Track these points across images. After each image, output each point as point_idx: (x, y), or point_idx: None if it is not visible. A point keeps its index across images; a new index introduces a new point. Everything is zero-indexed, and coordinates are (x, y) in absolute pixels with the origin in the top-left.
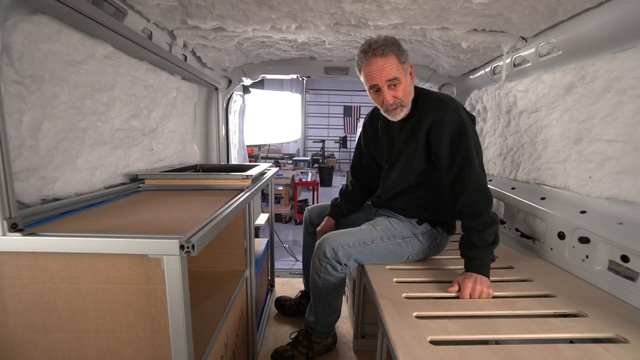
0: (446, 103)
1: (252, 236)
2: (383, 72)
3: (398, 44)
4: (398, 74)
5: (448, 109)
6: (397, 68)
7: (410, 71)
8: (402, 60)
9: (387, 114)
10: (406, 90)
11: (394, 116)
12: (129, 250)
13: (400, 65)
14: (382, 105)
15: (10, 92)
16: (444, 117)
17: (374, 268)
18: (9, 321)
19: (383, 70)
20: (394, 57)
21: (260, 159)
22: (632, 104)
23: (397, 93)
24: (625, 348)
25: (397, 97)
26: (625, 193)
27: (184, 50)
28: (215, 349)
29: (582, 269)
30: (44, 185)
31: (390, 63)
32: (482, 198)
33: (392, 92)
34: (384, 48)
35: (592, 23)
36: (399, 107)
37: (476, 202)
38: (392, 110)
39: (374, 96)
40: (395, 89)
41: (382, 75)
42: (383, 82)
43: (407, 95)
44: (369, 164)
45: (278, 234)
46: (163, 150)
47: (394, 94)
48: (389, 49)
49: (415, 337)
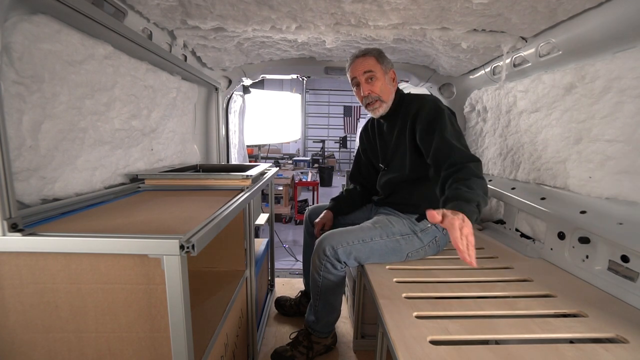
0: (424, 97)
1: (252, 236)
2: (361, 66)
3: (380, 51)
4: (374, 69)
5: (425, 101)
6: (375, 65)
7: (392, 76)
8: (380, 62)
9: (368, 109)
10: (384, 87)
11: (373, 111)
12: (129, 250)
13: (378, 64)
14: (362, 99)
15: (10, 92)
16: (422, 107)
17: (373, 268)
18: (9, 321)
19: (361, 64)
20: (373, 57)
21: (260, 159)
22: (632, 104)
23: (373, 87)
24: (625, 348)
25: (372, 91)
26: (625, 193)
27: (184, 50)
28: (215, 349)
29: (582, 269)
30: (44, 185)
31: (368, 60)
32: (467, 156)
33: (369, 86)
34: (365, 51)
35: (592, 23)
36: (377, 101)
37: (462, 158)
38: (371, 104)
39: (356, 91)
40: (372, 83)
41: (359, 68)
42: (360, 73)
43: (385, 93)
44: (368, 171)
45: (278, 234)
46: (163, 150)
47: (370, 88)
48: (369, 52)
49: (415, 337)
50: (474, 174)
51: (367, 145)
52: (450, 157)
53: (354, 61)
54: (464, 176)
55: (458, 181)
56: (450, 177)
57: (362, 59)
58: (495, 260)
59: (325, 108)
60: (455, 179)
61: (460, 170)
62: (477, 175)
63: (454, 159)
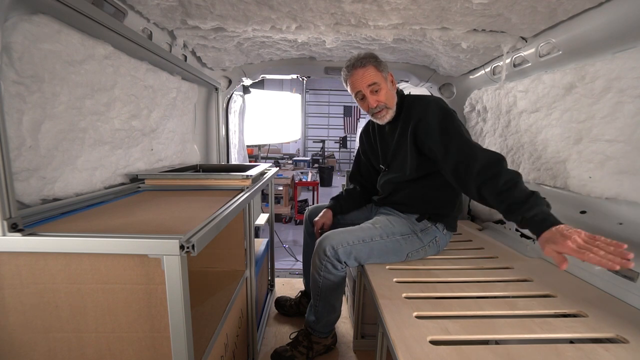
0: (426, 98)
1: (252, 236)
2: (364, 79)
3: (376, 57)
4: (377, 80)
5: (428, 103)
6: (376, 75)
7: (391, 79)
8: (380, 69)
9: (374, 118)
10: (388, 94)
11: (380, 119)
12: (129, 250)
13: (379, 73)
14: (368, 110)
15: (10, 92)
16: (426, 111)
17: (374, 268)
18: (9, 321)
19: (363, 77)
20: (372, 66)
21: (260, 159)
22: (632, 104)
23: (379, 97)
24: (625, 348)
25: (379, 100)
26: (626, 193)
27: (184, 50)
28: (215, 349)
29: (582, 269)
30: (44, 186)
31: (369, 71)
32: (494, 161)
33: (375, 97)
34: (363, 60)
35: (592, 23)
36: (384, 109)
37: (492, 166)
38: (378, 113)
39: (360, 103)
40: (377, 93)
41: (363, 81)
42: (364, 87)
43: (390, 99)
44: (368, 171)
45: (278, 234)
46: (163, 150)
47: (376, 98)
48: (367, 61)
49: (415, 337)
50: (513, 176)
51: (367, 147)
52: (478, 161)
53: (352, 73)
54: (510, 183)
55: (511, 191)
56: (494, 186)
57: (362, 70)
58: (495, 260)
59: (325, 108)
60: (504, 190)
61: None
62: (516, 175)
63: (483, 163)
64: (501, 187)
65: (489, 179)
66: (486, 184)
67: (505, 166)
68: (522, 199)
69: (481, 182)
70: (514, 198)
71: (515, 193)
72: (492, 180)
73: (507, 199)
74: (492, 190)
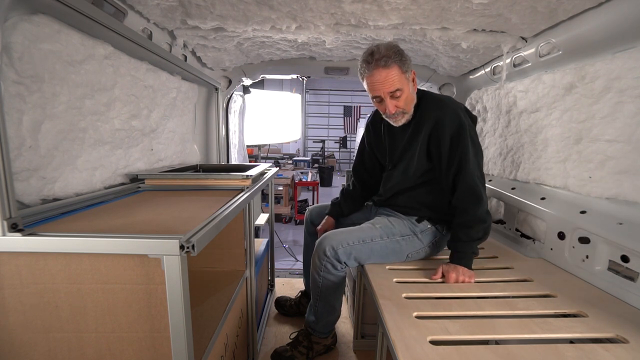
0: (446, 104)
1: (252, 236)
2: (385, 84)
3: (401, 53)
4: (400, 85)
5: (447, 110)
6: (400, 79)
7: (412, 77)
8: (404, 69)
9: (389, 120)
10: (408, 98)
11: (395, 122)
12: (129, 250)
13: (403, 75)
14: (385, 112)
15: (10, 92)
16: (444, 118)
17: (374, 268)
18: (9, 321)
19: (385, 82)
20: (396, 67)
21: (260, 159)
22: (632, 104)
23: (399, 103)
24: (625, 348)
25: (399, 106)
26: (625, 193)
27: (184, 50)
28: (215, 349)
29: (582, 269)
30: (44, 186)
31: (392, 74)
32: (472, 197)
33: (394, 102)
34: (387, 59)
35: (592, 23)
36: (401, 114)
37: (466, 200)
38: (394, 117)
39: (377, 105)
40: (398, 99)
41: (384, 87)
42: (385, 93)
43: (409, 103)
44: (372, 163)
45: (278, 234)
46: (163, 150)
47: (396, 104)
48: (392, 60)
49: (415, 337)
50: (478, 220)
51: (375, 140)
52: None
53: (372, 73)
54: (467, 222)
55: (470, 231)
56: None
57: (385, 72)
58: (495, 260)
59: (325, 108)
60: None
61: (464, 213)
62: (480, 220)
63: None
64: (460, 221)
65: (461, 210)
66: (457, 212)
67: (478, 208)
68: (464, 239)
69: (456, 207)
70: (468, 237)
71: (472, 235)
72: (461, 212)
73: (457, 230)
74: (456, 218)
